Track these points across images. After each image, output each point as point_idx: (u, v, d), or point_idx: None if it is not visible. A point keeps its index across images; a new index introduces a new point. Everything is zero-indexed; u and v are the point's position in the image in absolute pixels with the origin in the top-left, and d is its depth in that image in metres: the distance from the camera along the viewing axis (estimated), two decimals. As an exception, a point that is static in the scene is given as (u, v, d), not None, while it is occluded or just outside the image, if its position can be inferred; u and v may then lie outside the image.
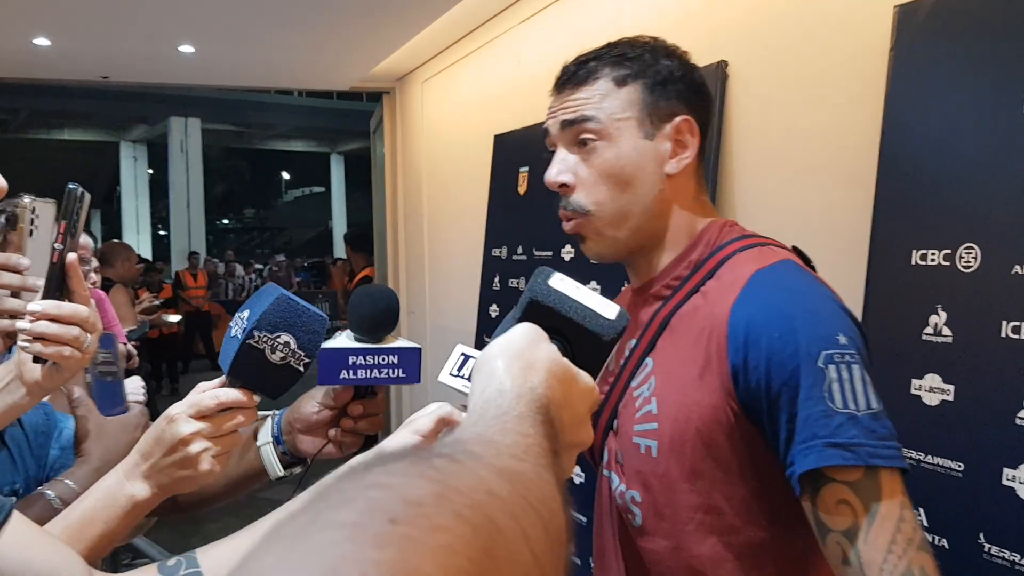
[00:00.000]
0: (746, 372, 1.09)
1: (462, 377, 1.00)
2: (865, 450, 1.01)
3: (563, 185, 1.23)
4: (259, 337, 1.04)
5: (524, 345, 0.69)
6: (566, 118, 1.23)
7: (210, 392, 1.08)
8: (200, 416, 1.07)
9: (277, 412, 1.31)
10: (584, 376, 0.73)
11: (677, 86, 1.23)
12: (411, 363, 1.20)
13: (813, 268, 1.22)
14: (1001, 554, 1.51)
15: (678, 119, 1.22)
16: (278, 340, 1.05)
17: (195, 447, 1.06)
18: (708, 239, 1.25)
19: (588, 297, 0.80)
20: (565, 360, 0.72)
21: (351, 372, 1.19)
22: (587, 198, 1.22)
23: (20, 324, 1.12)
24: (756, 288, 1.13)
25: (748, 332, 1.09)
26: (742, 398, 1.10)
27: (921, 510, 1.62)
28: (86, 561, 1.05)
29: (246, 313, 1.08)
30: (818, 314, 1.08)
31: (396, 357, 1.20)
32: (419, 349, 1.20)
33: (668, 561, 1.17)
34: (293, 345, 1.06)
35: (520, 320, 0.78)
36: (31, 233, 1.19)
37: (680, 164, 1.23)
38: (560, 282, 0.80)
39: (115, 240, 6.97)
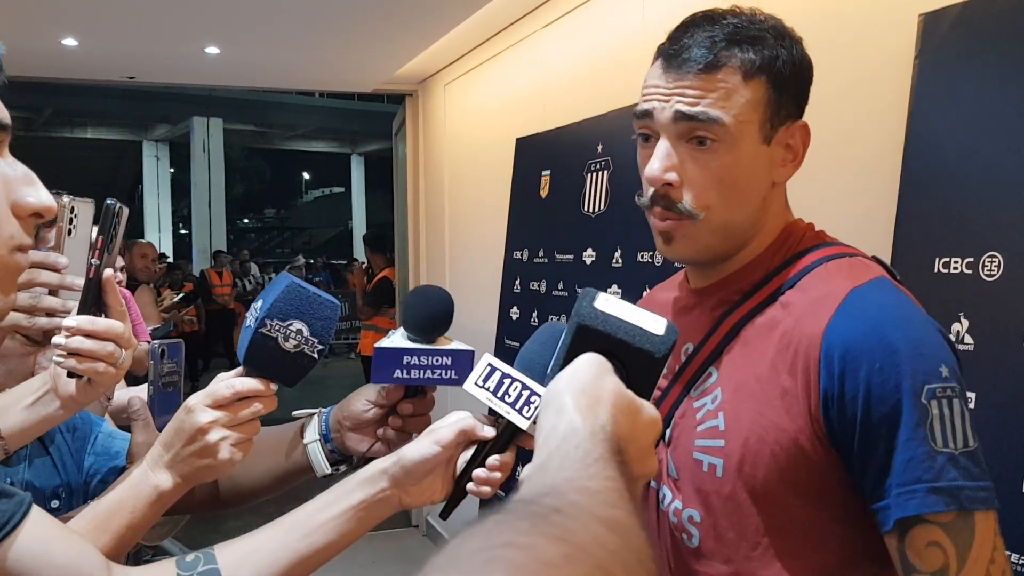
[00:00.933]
0: (841, 401, 1.02)
1: (487, 389, 1.00)
2: (964, 494, 0.97)
3: (670, 184, 1.11)
4: (271, 326, 1.06)
5: (589, 379, 0.71)
6: (685, 110, 1.08)
7: (226, 381, 1.10)
8: (217, 405, 1.08)
9: (324, 410, 1.33)
10: (648, 408, 0.74)
11: (797, 83, 1.14)
12: (463, 365, 1.20)
13: (897, 279, 1.15)
14: (1021, 561, 1.52)
15: (795, 124, 1.14)
16: (290, 328, 1.06)
17: (213, 435, 1.07)
18: (790, 243, 1.17)
19: (635, 315, 0.80)
20: (629, 393, 0.73)
21: (404, 372, 1.21)
22: (696, 202, 1.10)
23: (56, 339, 1.13)
24: (853, 309, 1.04)
25: (846, 359, 1.02)
26: (831, 427, 1.04)
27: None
28: (113, 550, 1.06)
29: (259, 303, 1.09)
30: (921, 344, 1.02)
31: (449, 359, 1.21)
32: (472, 352, 1.20)
33: None
34: (306, 332, 1.07)
35: (571, 345, 0.78)
36: (70, 232, 1.21)
37: (787, 173, 1.15)
38: (605, 302, 0.80)
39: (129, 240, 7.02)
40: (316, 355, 1.09)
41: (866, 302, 1.06)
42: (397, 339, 1.24)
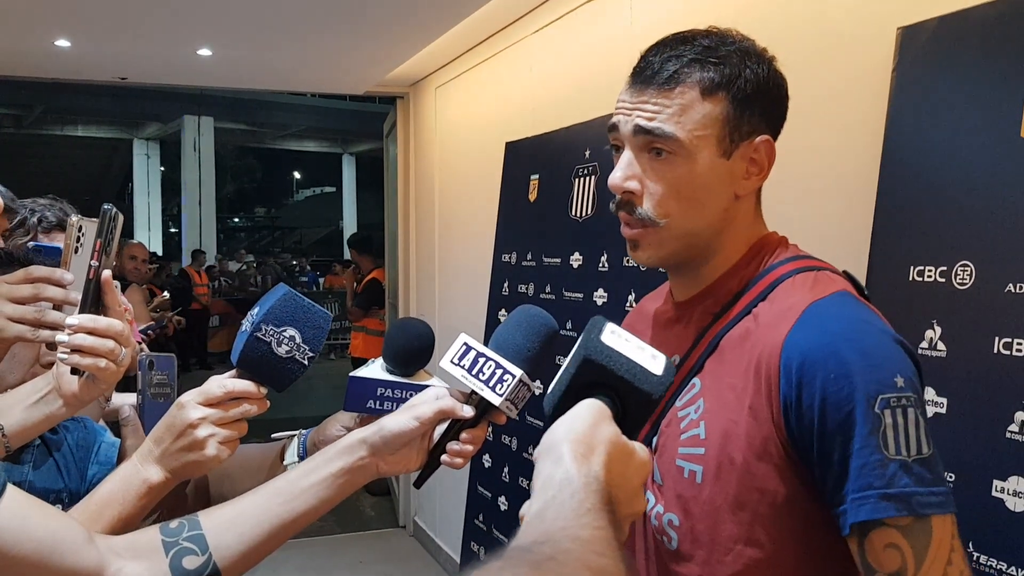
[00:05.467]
0: (799, 410, 1.06)
1: (462, 367, 1.06)
2: (916, 499, 1.00)
3: (629, 192, 1.18)
4: (266, 330, 1.11)
5: (586, 428, 0.75)
6: (643, 124, 1.15)
7: (219, 381, 1.15)
8: (208, 403, 1.13)
9: (303, 432, 1.37)
10: (639, 451, 0.78)
11: (762, 101, 1.17)
12: None
13: (865, 295, 1.19)
14: (989, 563, 1.56)
15: (758, 139, 1.17)
16: (284, 334, 1.11)
17: (202, 431, 1.12)
18: (763, 256, 1.22)
19: (637, 351, 0.82)
20: (623, 438, 0.76)
21: (377, 402, 1.24)
22: (656, 210, 1.16)
23: (59, 337, 1.17)
24: (811, 321, 1.09)
25: (803, 369, 1.06)
26: (792, 434, 1.08)
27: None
28: None
29: (256, 309, 1.14)
30: (875, 355, 1.05)
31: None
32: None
33: None
34: (298, 339, 1.12)
35: (575, 375, 0.80)
36: (76, 250, 1.25)
37: (750, 185, 1.20)
38: (611, 336, 0.82)
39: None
40: (307, 362, 1.14)
41: (824, 314, 1.10)
42: (375, 369, 1.28)
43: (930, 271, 1.74)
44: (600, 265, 3.18)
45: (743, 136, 1.16)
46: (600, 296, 3.16)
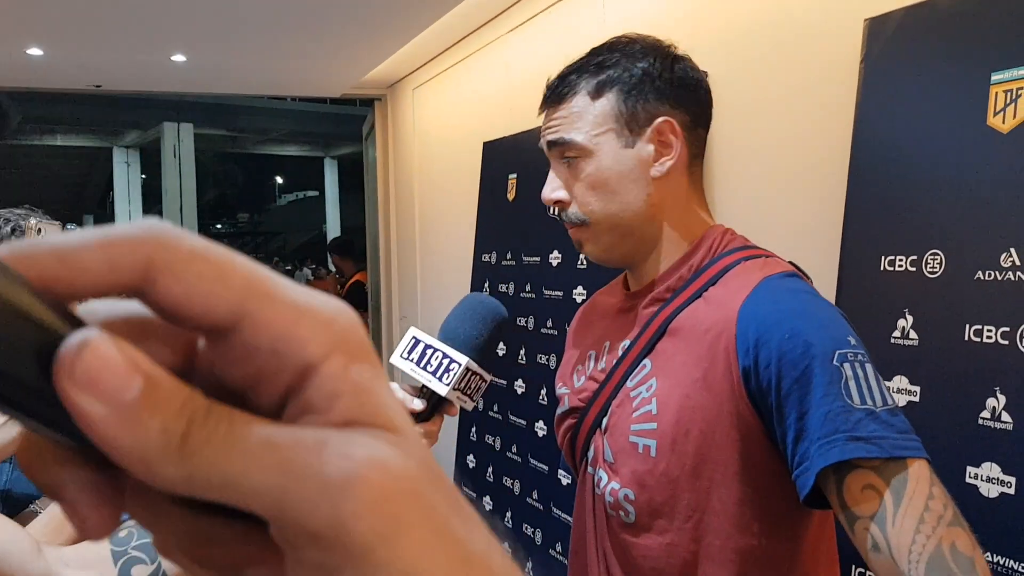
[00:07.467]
0: (757, 373, 1.10)
1: (411, 360, 1.08)
2: (888, 442, 1.00)
3: (558, 201, 1.29)
4: None
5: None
6: (550, 138, 1.28)
7: None
8: None
9: None
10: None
11: (655, 85, 1.24)
12: None
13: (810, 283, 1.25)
14: (964, 549, 1.57)
15: (658, 121, 1.23)
16: None
17: None
18: (711, 245, 1.27)
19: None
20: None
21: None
22: (580, 209, 1.27)
23: None
24: (765, 293, 1.15)
25: (759, 333, 1.11)
26: (753, 400, 1.12)
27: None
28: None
29: None
30: (825, 319, 1.11)
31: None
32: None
33: (661, 558, 1.20)
34: None
35: None
36: None
37: (665, 166, 1.24)
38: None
39: None
40: None
41: (775, 288, 1.17)
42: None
43: (901, 260, 1.75)
44: (579, 263, 3.18)
45: (641, 124, 1.24)
46: (579, 293, 3.16)
